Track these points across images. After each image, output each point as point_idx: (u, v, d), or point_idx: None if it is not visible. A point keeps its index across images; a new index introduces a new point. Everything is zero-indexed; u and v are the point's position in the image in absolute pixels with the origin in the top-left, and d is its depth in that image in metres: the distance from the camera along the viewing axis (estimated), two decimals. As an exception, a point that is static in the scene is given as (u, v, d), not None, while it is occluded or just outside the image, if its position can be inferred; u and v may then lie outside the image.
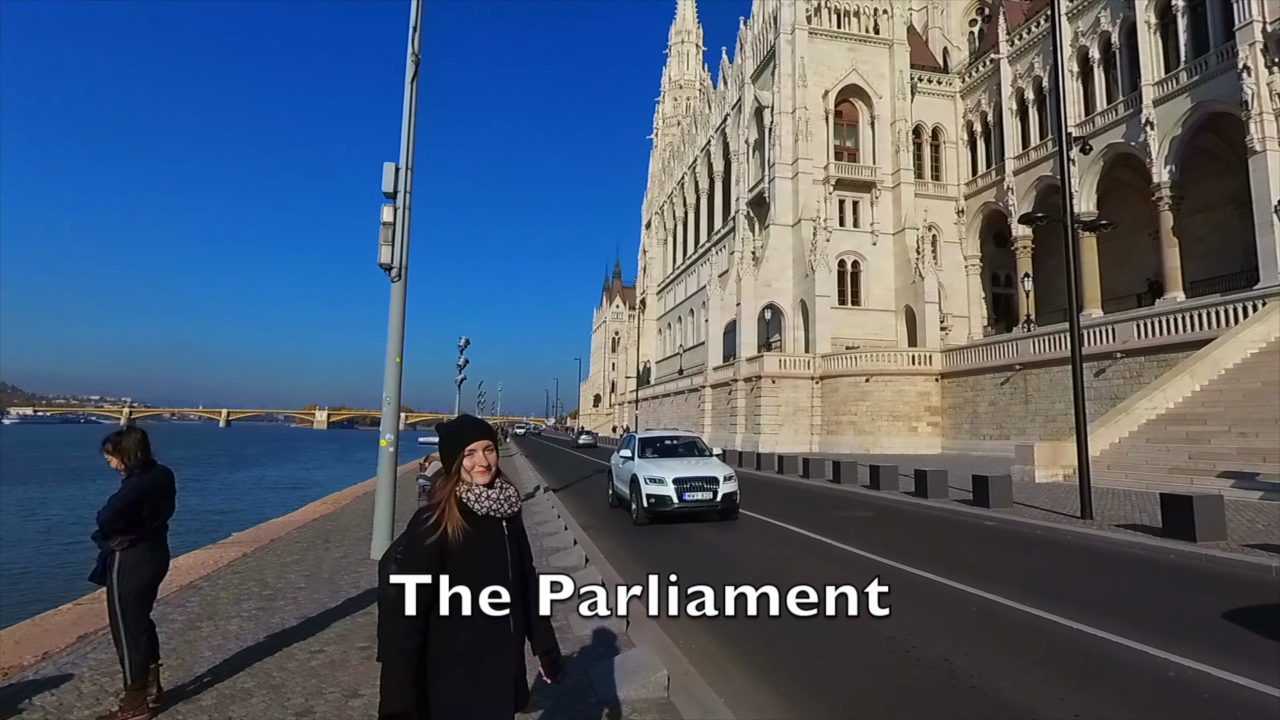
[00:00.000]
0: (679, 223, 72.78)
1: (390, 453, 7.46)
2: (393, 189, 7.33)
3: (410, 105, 8.37)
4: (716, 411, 48.97)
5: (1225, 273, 32.18)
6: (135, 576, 4.19)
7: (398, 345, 7.42)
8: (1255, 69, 29.06)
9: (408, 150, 7.96)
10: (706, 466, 13.37)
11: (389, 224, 7.28)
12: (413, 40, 8.79)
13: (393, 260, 7.26)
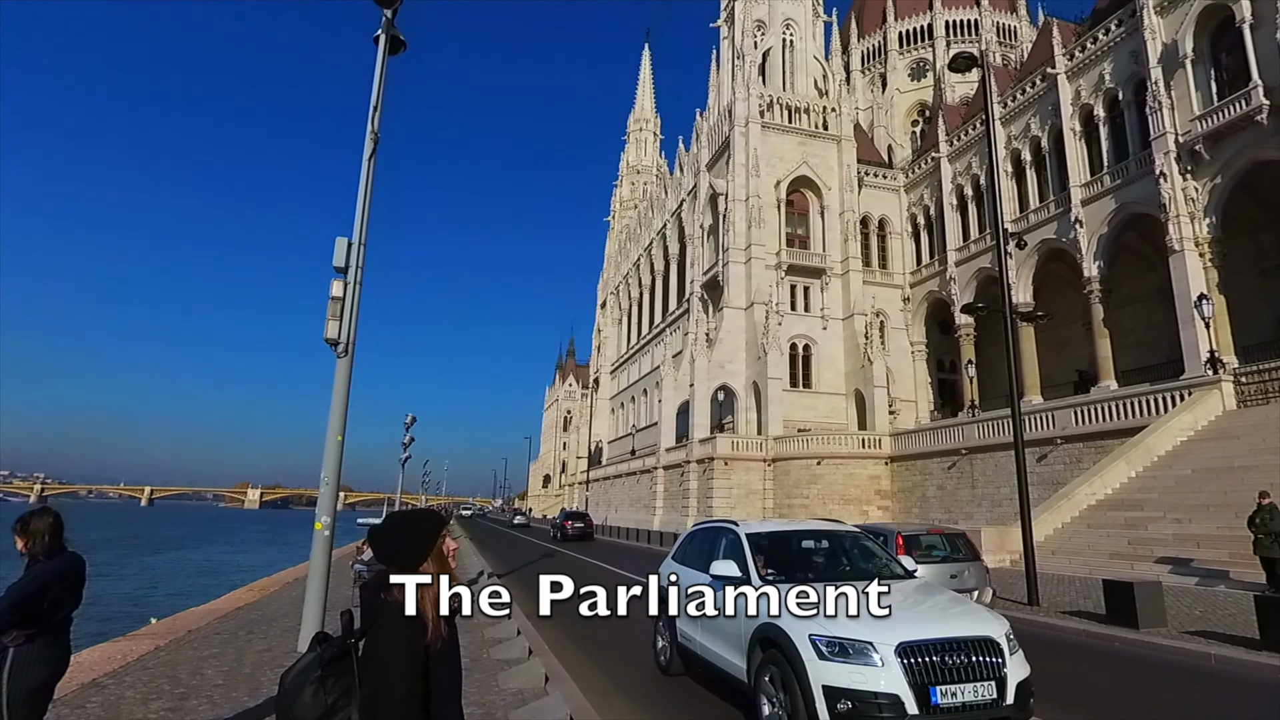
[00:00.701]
0: (634, 303, 74.13)
1: (325, 536, 7.15)
2: (344, 264, 7.38)
3: (367, 181, 8.56)
4: (669, 493, 48.60)
5: (1153, 363, 34.15)
6: (29, 676, 3.78)
7: (340, 422, 7.28)
8: (1170, 175, 31.92)
9: (361, 225, 8.07)
10: (958, 613, 5.93)
11: (338, 299, 7.28)
12: (373, 119, 9.08)
13: (340, 335, 7.22)
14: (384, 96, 9.37)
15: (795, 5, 54.77)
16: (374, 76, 9.40)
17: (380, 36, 9.42)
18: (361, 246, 7.66)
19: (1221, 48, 31.37)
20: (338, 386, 7.30)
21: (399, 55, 9.73)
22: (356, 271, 7.49)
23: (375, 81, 9.30)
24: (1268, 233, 33.06)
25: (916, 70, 67.08)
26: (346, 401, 7.38)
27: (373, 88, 9.35)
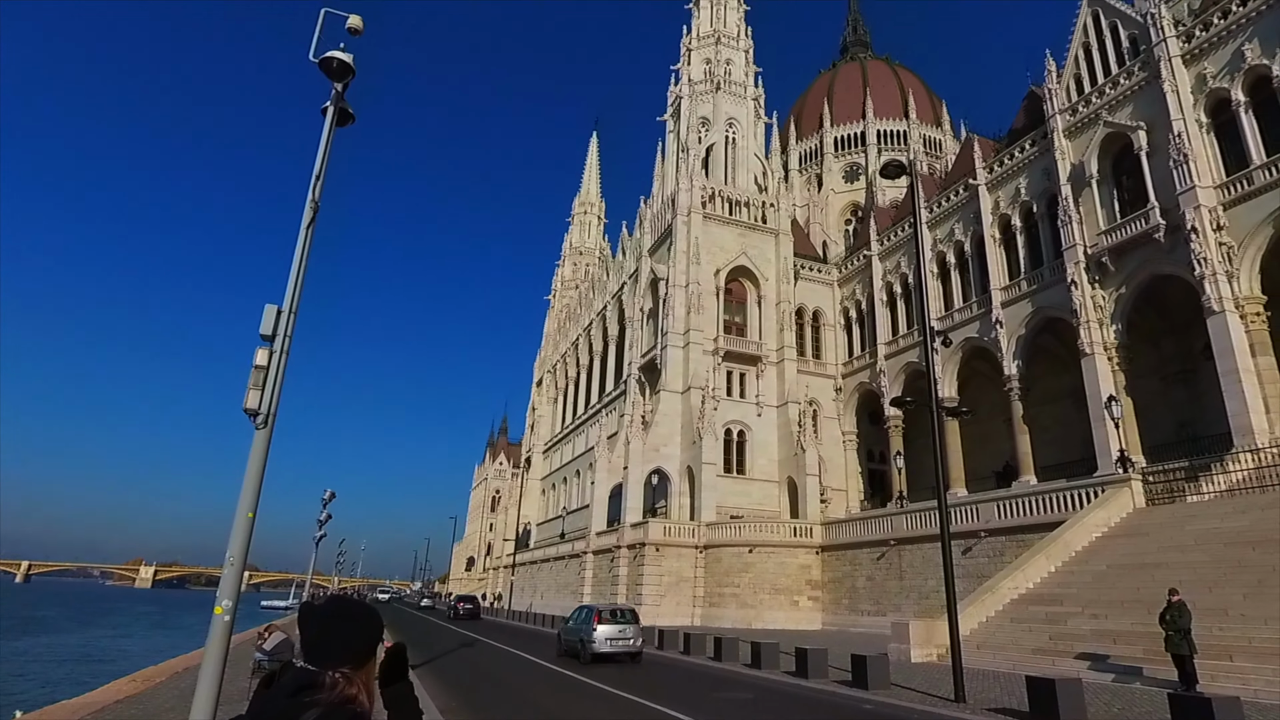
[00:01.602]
0: (571, 382, 74.10)
1: (225, 622, 6.62)
2: (271, 332, 7.22)
3: (303, 250, 8.51)
4: (598, 579, 47.34)
5: (1070, 460, 35.99)
6: None
7: (252, 498, 6.92)
8: (1080, 284, 34.70)
9: (294, 293, 7.97)
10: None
11: (261, 368, 7.07)
12: (314, 188, 9.11)
13: (260, 406, 6.98)
14: (328, 165, 9.45)
15: (738, 106, 58.45)
16: (319, 146, 9.51)
17: (329, 108, 9.60)
18: (292, 315, 7.52)
19: (1123, 170, 34.97)
20: (253, 459, 6.98)
21: (348, 126, 9.91)
22: (284, 340, 7.32)
23: (320, 151, 9.38)
24: (1168, 341, 36.00)
25: (850, 173, 72.00)
26: (261, 476, 7.05)
27: (317, 157, 9.43)
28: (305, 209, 8.82)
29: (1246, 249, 28.98)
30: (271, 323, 7.30)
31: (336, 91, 9.64)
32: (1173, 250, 31.06)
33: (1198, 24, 32.31)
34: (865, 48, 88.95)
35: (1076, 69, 37.61)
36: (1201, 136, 31.23)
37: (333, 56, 9.38)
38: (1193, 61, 32.07)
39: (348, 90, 9.75)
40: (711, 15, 62.03)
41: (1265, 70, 29.35)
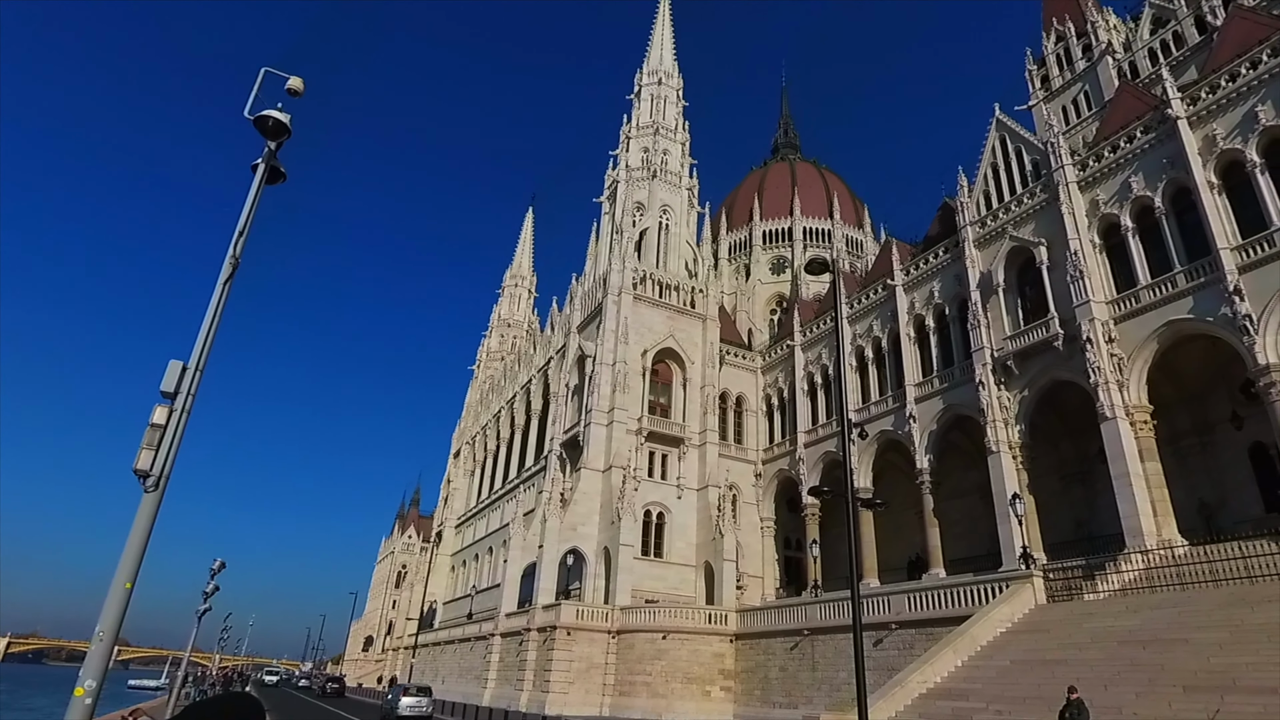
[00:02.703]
0: (490, 455, 72.46)
1: (86, 704, 5.89)
2: (173, 389, 6.88)
3: (218, 305, 8.27)
4: (504, 664, 45.15)
5: (977, 553, 37.32)
6: None
7: (133, 566, 6.39)
8: (988, 385, 36.93)
9: (203, 349, 7.69)
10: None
11: (158, 426, 6.68)
12: (236, 244, 8.95)
13: (153, 468, 6.57)
14: (251, 224, 9.33)
15: (673, 194, 60.99)
16: (246, 202, 9.40)
17: (259, 165, 9.56)
18: (198, 373, 7.23)
19: (1026, 281, 37.98)
20: (138, 524, 6.48)
21: (278, 185, 9.87)
22: (186, 399, 6.99)
23: (246, 207, 9.28)
24: (1067, 442, 38.42)
25: (777, 265, 75.49)
26: (146, 543, 6.56)
27: (242, 213, 9.31)
28: (224, 264, 8.63)
29: (1135, 361, 31.69)
30: (175, 379, 6.98)
31: (269, 150, 9.65)
32: (1070, 358, 33.62)
33: (1091, 155, 36.20)
34: (795, 150, 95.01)
35: (986, 185, 41.22)
36: (1095, 255, 34.48)
37: (268, 115, 9.44)
38: (1087, 187, 35.73)
39: (282, 149, 9.77)
40: (652, 108, 65.35)
41: (1149, 200, 32.95)
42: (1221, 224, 29.86)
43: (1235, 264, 28.89)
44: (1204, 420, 34.61)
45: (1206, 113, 31.54)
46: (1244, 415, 32.31)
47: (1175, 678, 18.19)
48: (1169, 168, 32.37)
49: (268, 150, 9.65)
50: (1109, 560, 28.03)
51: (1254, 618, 19.76)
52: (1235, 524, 30.36)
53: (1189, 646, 19.50)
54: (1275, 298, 27.51)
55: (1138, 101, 36.69)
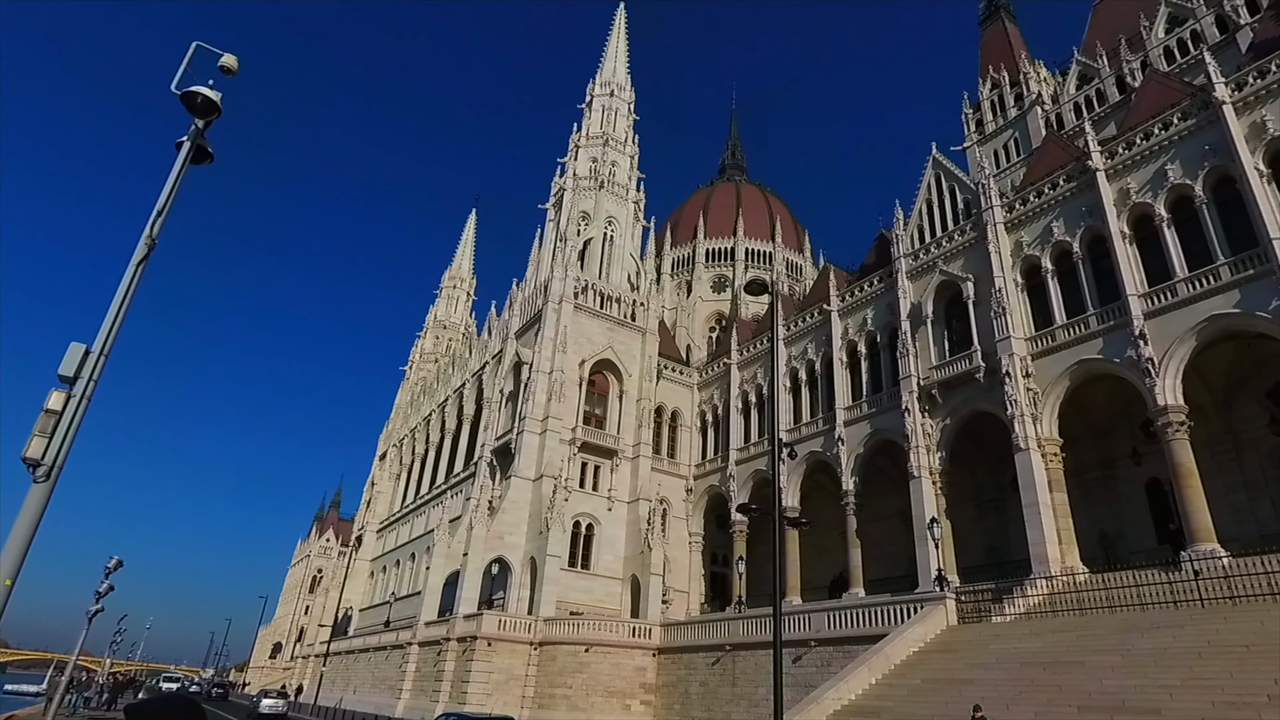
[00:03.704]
0: (417, 459, 70.74)
1: None
2: (73, 374, 6.44)
3: (129, 287, 7.83)
4: (420, 675, 43.91)
5: (895, 575, 38.45)
6: None
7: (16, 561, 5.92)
8: (913, 412, 38.22)
9: (109, 333, 7.25)
10: None
11: (54, 412, 6.22)
12: (153, 224, 8.54)
13: (46, 456, 6.11)
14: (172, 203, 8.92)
15: (619, 206, 61.22)
16: (167, 180, 8.99)
17: (184, 143, 9.17)
18: (103, 358, 6.79)
19: (953, 314, 39.58)
20: (24, 516, 5.97)
21: (205, 166, 9.50)
22: (88, 385, 6.54)
23: (167, 187, 8.88)
24: (984, 471, 40.07)
25: (718, 284, 76.70)
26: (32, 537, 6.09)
27: (162, 192, 8.90)
28: (139, 245, 8.20)
29: (1049, 395, 33.38)
30: (75, 364, 6.55)
31: (196, 128, 9.29)
32: (990, 390, 35.16)
33: (1018, 198, 38.12)
34: (741, 171, 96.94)
35: (920, 220, 42.90)
36: (1017, 294, 36.23)
37: (197, 91, 9.09)
38: (1013, 229, 37.58)
39: (214, 131, 9.40)
40: (602, 119, 65.56)
41: (1067, 245, 34.88)
42: (1131, 272, 31.84)
43: (1142, 310, 30.82)
44: (1108, 455, 36.70)
45: (1123, 167, 33.67)
46: (1143, 452, 34.41)
47: (1071, 698, 19.11)
48: (1087, 216, 34.38)
49: (195, 128, 9.28)
50: (1017, 585, 29.32)
51: (1143, 643, 20.98)
52: (1131, 554, 32.30)
53: (1085, 669, 20.52)
54: (1175, 343, 29.46)
55: (1062, 151, 38.87)
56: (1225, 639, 19.54)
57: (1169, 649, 20.17)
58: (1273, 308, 26.98)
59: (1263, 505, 30.86)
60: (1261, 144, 29.05)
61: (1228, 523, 28.48)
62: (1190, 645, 19.95)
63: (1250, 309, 27.79)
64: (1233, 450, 32.27)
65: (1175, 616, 22.47)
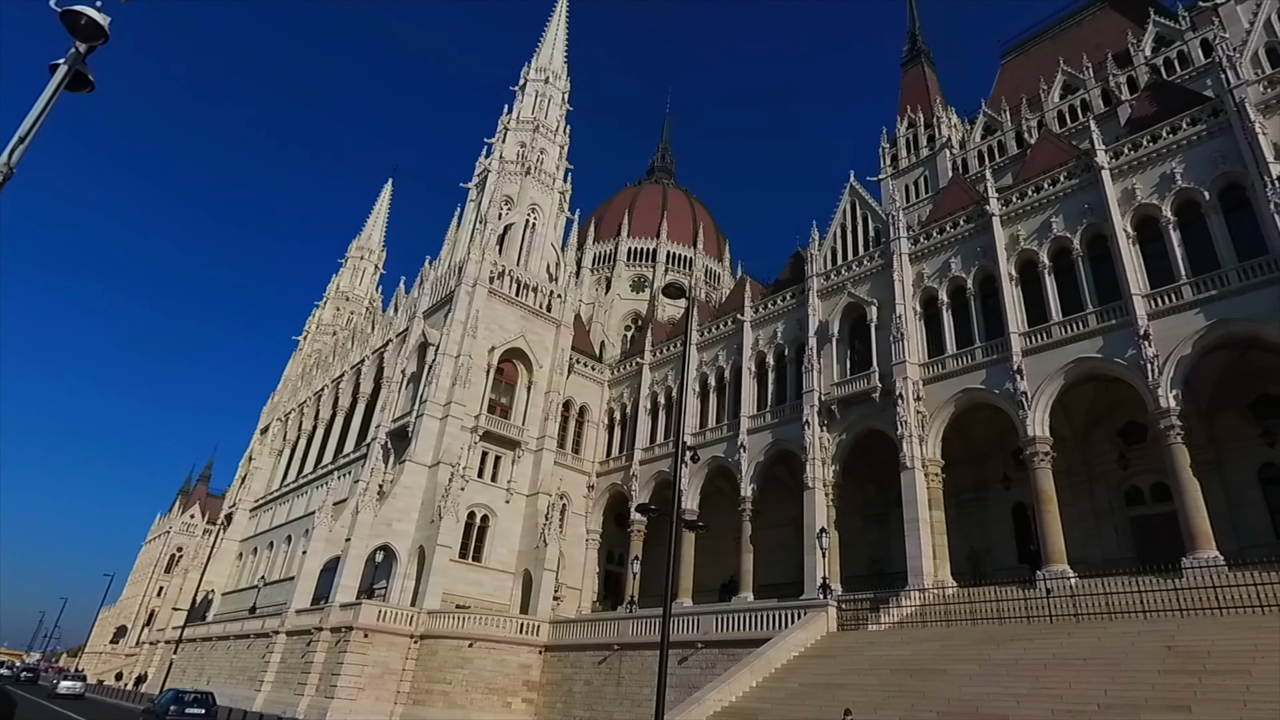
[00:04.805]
0: (304, 436, 67.61)
1: None
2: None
3: None
4: (286, 666, 42.03)
5: (784, 581, 40.11)
6: None
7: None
8: (813, 425, 39.99)
9: None
10: None
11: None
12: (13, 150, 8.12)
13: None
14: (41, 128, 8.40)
15: (544, 194, 60.80)
16: (35, 106, 8.46)
17: (60, 65, 8.65)
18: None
19: (857, 335, 41.71)
20: None
21: (83, 94, 8.99)
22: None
23: (35, 111, 8.37)
24: (872, 486, 42.36)
25: (637, 284, 77.54)
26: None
27: (29, 117, 8.38)
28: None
29: (936, 419, 35.78)
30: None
31: (77, 51, 8.78)
32: (884, 410, 37.31)
33: (922, 232, 40.66)
34: (670, 175, 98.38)
35: (835, 243, 45.00)
36: (915, 321, 38.63)
37: (80, 11, 8.60)
38: (916, 260, 40.03)
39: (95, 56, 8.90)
40: (535, 104, 64.93)
41: (962, 281, 37.53)
42: (1015, 311, 34.71)
43: (1021, 347, 33.64)
44: (982, 479, 39.71)
45: (1015, 215, 36.67)
46: (1012, 478, 37.47)
47: (933, 704, 20.62)
48: (981, 256, 37.16)
49: (75, 52, 8.77)
50: (893, 595, 31.29)
51: (999, 653, 22.90)
52: (995, 570, 35.18)
53: (946, 677, 22.18)
54: (1047, 380, 32.39)
55: (964, 194, 41.79)
56: (1067, 652, 21.61)
57: (1020, 660, 22.09)
58: (1129, 356, 30.15)
59: (1108, 533, 34.32)
60: (1131, 208, 32.44)
61: (1078, 546, 31.45)
62: (1038, 657, 21.93)
63: (1110, 355, 30.96)
64: (1087, 481, 35.70)
65: (1028, 630, 24.63)
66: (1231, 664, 18.03)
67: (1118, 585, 24.47)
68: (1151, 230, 32.05)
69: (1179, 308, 29.79)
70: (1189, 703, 16.79)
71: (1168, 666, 18.84)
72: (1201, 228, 30.79)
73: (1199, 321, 29.08)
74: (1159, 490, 32.33)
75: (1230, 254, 29.41)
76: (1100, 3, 58.62)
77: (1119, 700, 17.82)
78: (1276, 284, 27.36)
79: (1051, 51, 57.02)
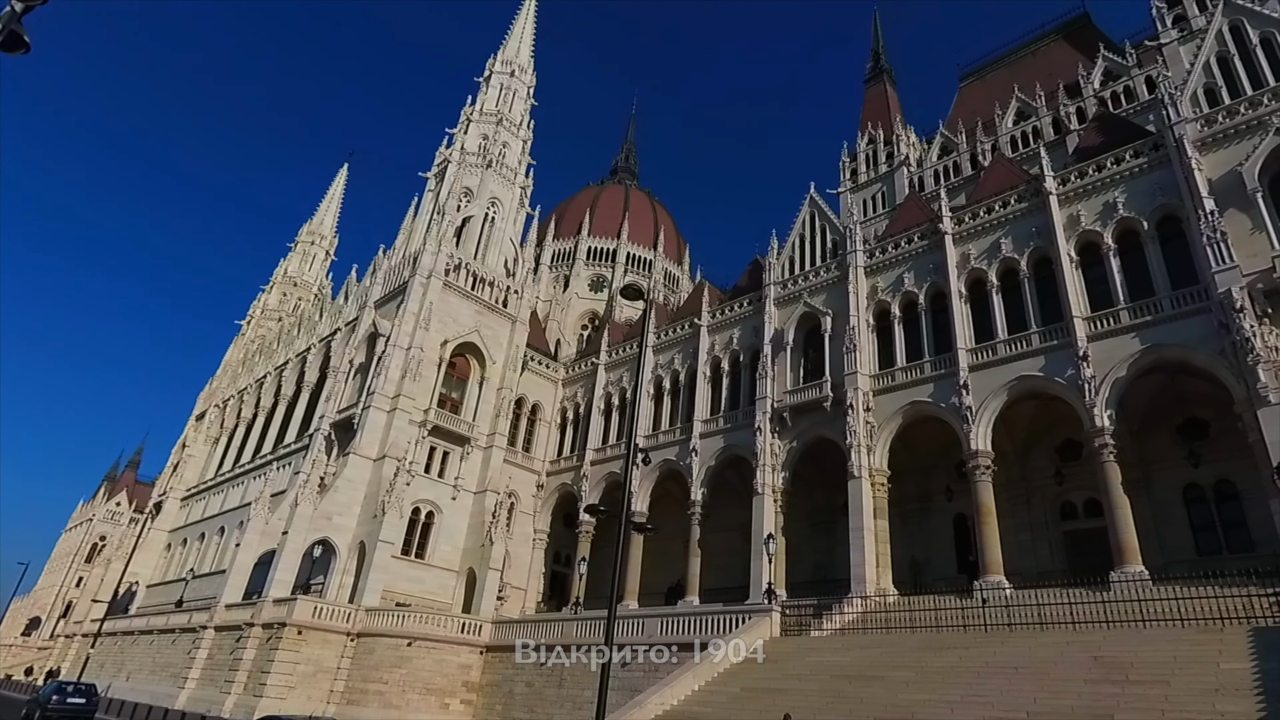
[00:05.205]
0: (243, 424, 65.57)
1: None
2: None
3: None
4: (213, 663, 40.64)
5: (731, 585, 40.29)
6: None
7: None
8: (765, 431, 40.47)
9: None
10: None
11: None
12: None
13: None
14: None
15: (505, 188, 60.23)
16: None
17: None
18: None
19: (811, 344, 42.39)
20: None
21: (17, 55, 8.61)
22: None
23: None
24: (820, 493, 43.07)
25: (596, 283, 77.35)
26: None
27: None
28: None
29: (884, 430, 36.61)
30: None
31: (13, 10, 8.42)
32: (835, 419, 38.00)
33: (878, 247, 41.60)
34: (633, 176, 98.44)
35: (793, 252, 45.72)
36: (868, 333, 39.47)
37: None
38: (871, 274, 40.92)
39: None
40: (500, 97, 64.33)
41: (914, 296, 38.51)
42: (963, 328, 35.78)
43: (968, 363, 34.68)
44: (926, 490, 40.75)
45: (966, 234, 37.84)
46: (955, 490, 38.58)
47: (870, 710, 21.06)
48: (933, 272, 38.21)
49: (9, 10, 8.41)
50: (836, 602, 31.85)
51: (935, 661, 23.53)
52: (935, 580, 36.17)
53: (884, 683, 22.69)
54: (991, 396, 33.48)
55: (920, 211, 42.90)
56: (1001, 661, 22.34)
57: (955, 668, 22.75)
58: (1068, 375, 31.38)
59: (1042, 546, 35.60)
60: (1076, 234, 33.84)
61: (1014, 558, 32.51)
62: (972, 665, 22.62)
63: (1051, 374, 32.19)
64: (1025, 495, 36.98)
65: (964, 639, 25.36)
66: (1152, 675, 18.86)
67: (1050, 597, 25.40)
68: (1093, 256, 33.42)
69: (1116, 331, 31.12)
70: (1112, 711, 17.51)
71: (1093, 676, 19.61)
72: (1140, 256, 32.25)
73: (1134, 345, 30.41)
74: (1091, 506, 33.68)
75: (1165, 282, 30.89)
76: (1055, 35, 60.99)
77: (1047, 708, 18.49)
78: (1206, 313, 28.77)
79: (1007, 78, 59.02)
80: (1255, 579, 22.49)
